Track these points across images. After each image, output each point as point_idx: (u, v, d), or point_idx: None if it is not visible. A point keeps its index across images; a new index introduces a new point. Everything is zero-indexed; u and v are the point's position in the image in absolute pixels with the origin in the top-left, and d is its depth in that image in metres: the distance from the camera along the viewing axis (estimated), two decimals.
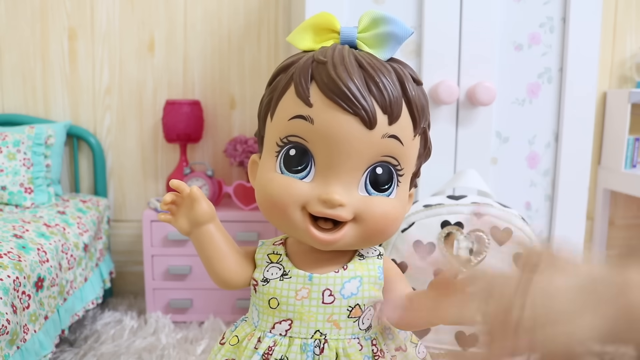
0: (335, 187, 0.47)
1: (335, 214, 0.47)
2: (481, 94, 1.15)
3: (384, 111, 0.46)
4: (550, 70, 1.23)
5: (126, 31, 1.65)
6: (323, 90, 0.46)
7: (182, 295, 1.49)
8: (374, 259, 0.54)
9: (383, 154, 0.48)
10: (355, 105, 0.45)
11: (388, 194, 0.49)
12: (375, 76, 0.46)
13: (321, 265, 0.52)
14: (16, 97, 1.64)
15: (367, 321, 0.52)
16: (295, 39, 0.51)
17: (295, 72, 0.48)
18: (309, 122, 0.46)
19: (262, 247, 0.55)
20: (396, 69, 0.48)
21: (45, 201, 1.44)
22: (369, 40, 0.49)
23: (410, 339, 0.57)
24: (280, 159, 0.49)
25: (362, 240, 0.50)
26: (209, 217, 0.52)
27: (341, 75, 0.45)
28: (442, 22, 1.17)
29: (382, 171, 0.48)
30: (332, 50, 0.48)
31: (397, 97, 0.47)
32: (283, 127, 0.48)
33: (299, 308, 0.50)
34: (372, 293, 0.52)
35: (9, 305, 0.90)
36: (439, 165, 1.21)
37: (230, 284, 0.54)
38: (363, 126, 0.46)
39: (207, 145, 1.71)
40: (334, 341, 0.51)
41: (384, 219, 0.49)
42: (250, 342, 0.52)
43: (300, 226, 0.49)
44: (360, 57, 0.47)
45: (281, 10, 1.68)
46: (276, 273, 0.52)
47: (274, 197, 0.48)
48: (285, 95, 0.49)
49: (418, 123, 0.49)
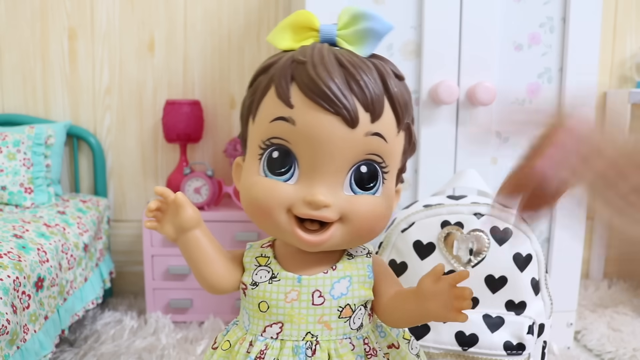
0: (320, 188, 0.47)
1: (320, 215, 0.47)
2: (481, 94, 1.15)
3: (365, 109, 0.46)
4: (550, 70, 1.23)
5: (126, 31, 1.65)
6: (303, 91, 0.45)
7: (182, 295, 1.49)
8: (363, 257, 0.53)
9: (367, 152, 0.48)
10: (336, 104, 0.45)
11: (373, 192, 0.49)
12: (356, 74, 0.46)
13: (310, 267, 0.51)
14: (16, 97, 1.64)
15: (358, 321, 0.52)
16: (275, 39, 0.51)
17: (275, 73, 0.48)
18: (291, 124, 0.46)
19: (250, 250, 0.55)
20: (377, 65, 0.48)
21: (45, 201, 1.44)
22: (348, 37, 0.49)
23: (403, 335, 0.57)
24: (263, 161, 0.48)
25: (349, 240, 0.50)
26: (194, 222, 0.52)
27: (321, 75, 0.45)
28: (442, 22, 1.17)
29: (366, 170, 0.48)
30: (311, 50, 0.47)
31: (378, 95, 0.46)
32: (265, 129, 0.48)
33: (289, 311, 0.50)
34: (362, 292, 0.51)
35: (9, 305, 0.90)
36: (439, 165, 1.21)
37: (218, 289, 0.53)
38: (345, 125, 0.45)
39: (207, 145, 1.71)
40: (325, 342, 0.50)
41: (370, 217, 0.49)
42: (242, 346, 0.52)
43: (286, 229, 0.48)
44: (340, 55, 0.47)
45: (281, 10, 1.68)
46: (265, 276, 0.52)
47: (259, 200, 0.48)
48: (266, 96, 0.48)
49: (401, 119, 0.49)
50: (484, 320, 0.82)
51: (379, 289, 0.53)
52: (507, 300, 0.85)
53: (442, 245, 0.86)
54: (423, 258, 0.87)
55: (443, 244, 0.86)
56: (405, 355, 0.54)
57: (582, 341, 1.35)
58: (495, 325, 0.82)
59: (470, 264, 0.85)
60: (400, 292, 0.52)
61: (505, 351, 0.81)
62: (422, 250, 0.87)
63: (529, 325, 0.82)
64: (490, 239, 0.85)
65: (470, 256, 0.85)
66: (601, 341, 1.32)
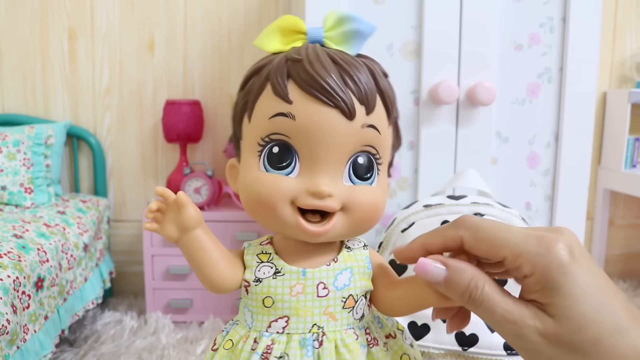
0: (322, 179, 0.48)
1: (325, 205, 0.48)
2: (481, 94, 1.15)
3: (361, 102, 0.48)
4: (550, 70, 1.23)
5: (126, 31, 1.65)
6: (301, 87, 0.47)
7: (182, 295, 1.49)
8: (360, 249, 0.55)
9: (363, 143, 0.49)
10: (334, 97, 0.47)
11: (370, 182, 0.51)
12: (350, 70, 0.48)
13: (312, 260, 0.52)
14: (16, 97, 1.65)
15: (360, 311, 0.53)
16: (263, 42, 0.52)
17: (270, 72, 0.49)
18: (291, 119, 0.47)
19: (249, 248, 0.55)
20: (366, 64, 0.50)
21: (45, 201, 1.44)
22: (335, 38, 0.51)
23: (397, 326, 0.58)
24: (263, 157, 0.49)
25: (351, 229, 0.51)
26: (196, 222, 0.51)
27: (318, 71, 0.47)
28: (442, 21, 1.17)
29: (363, 160, 0.50)
30: (305, 49, 0.49)
31: (371, 89, 0.49)
32: (264, 126, 0.49)
33: (294, 304, 0.51)
34: (362, 283, 0.53)
35: (9, 305, 0.90)
36: (439, 165, 1.21)
37: (222, 288, 0.53)
38: (344, 117, 0.47)
39: (207, 145, 1.71)
40: (331, 333, 0.51)
41: (370, 206, 0.50)
42: (246, 343, 0.52)
43: (290, 221, 0.49)
44: (333, 54, 0.49)
45: (281, 10, 1.68)
46: (268, 272, 0.52)
47: (262, 195, 0.49)
48: (261, 95, 0.49)
49: (391, 112, 0.52)
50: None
51: (377, 280, 0.54)
52: None
53: None
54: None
55: None
56: (402, 344, 0.56)
57: None
58: None
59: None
60: (398, 282, 0.53)
61: (505, 351, 0.81)
62: None
63: None
64: None
65: None
66: None
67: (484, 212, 0.87)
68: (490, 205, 0.88)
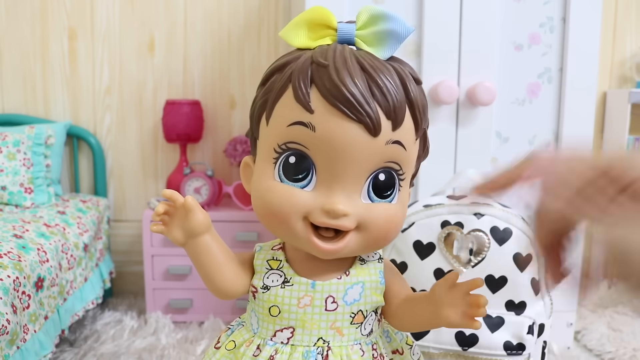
0: (339, 197, 0.45)
1: (338, 224, 0.46)
2: (481, 94, 1.15)
3: (387, 117, 0.45)
4: (550, 70, 1.23)
5: (126, 31, 1.65)
6: (325, 96, 0.44)
7: (182, 295, 1.49)
8: (375, 262, 0.53)
9: (386, 160, 0.46)
10: (359, 112, 0.43)
11: (390, 199, 0.48)
12: (378, 79, 0.44)
13: (323, 272, 0.50)
14: (16, 97, 1.64)
15: (369, 326, 0.51)
16: (289, 36, 0.48)
17: (293, 74, 0.45)
18: (310, 130, 0.44)
19: (260, 252, 0.53)
20: (397, 69, 0.46)
21: (45, 201, 1.44)
22: (368, 38, 0.47)
23: (407, 340, 0.56)
24: (279, 166, 0.47)
25: (364, 247, 0.49)
26: (205, 227, 0.50)
27: (344, 80, 0.43)
28: (442, 22, 1.17)
29: (384, 177, 0.47)
30: (332, 52, 0.45)
31: (400, 101, 0.45)
32: (281, 132, 0.46)
33: (301, 316, 0.49)
34: (374, 298, 0.51)
35: (9, 305, 0.90)
36: (439, 165, 1.21)
37: (228, 294, 0.52)
38: (367, 133, 0.44)
39: (207, 145, 1.71)
40: (337, 348, 0.50)
41: (387, 225, 0.48)
42: (248, 349, 0.51)
43: (302, 236, 0.47)
44: (362, 58, 0.45)
45: (281, 10, 1.68)
46: (277, 280, 0.51)
47: (274, 207, 0.46)
48: (282, 98, 0.46)
49: (420, 125, 0.48)
50: (484, 320, 0.82)
51: (389, 294, 0.52)
52: (507, 300, 0.85)
53: (442, 245, 0.86)
54: (423, 258, 0.87)
55: (443, 244, 0.86)
56: None
57: (582, 341, 1.35)
58: (496, 325, 0.82)
59: (470, 264, 0.85)
60: (412, 297, 0.51)
61: (505, 351, 0.81)
62: (422, 250, 0.87)
63: (529, 325, 0.82)
64: (491, 239, 0.85)
65: (470, 256, 0.85)
66: (601, 341, 1.32)
67: (484, 212, 0.87)
68: (490, 206, 0.88)
